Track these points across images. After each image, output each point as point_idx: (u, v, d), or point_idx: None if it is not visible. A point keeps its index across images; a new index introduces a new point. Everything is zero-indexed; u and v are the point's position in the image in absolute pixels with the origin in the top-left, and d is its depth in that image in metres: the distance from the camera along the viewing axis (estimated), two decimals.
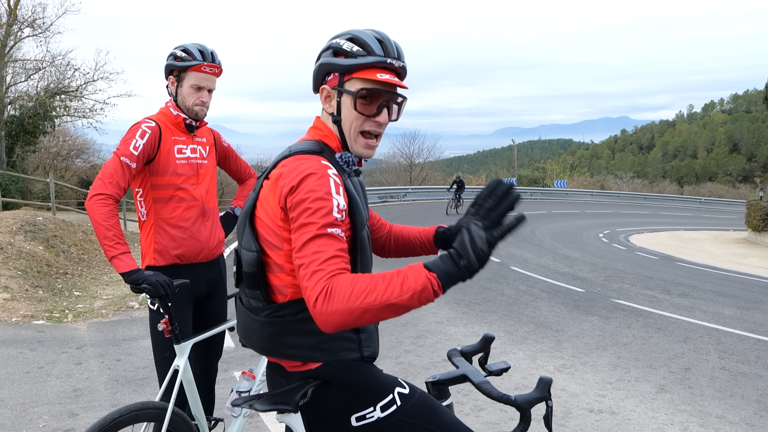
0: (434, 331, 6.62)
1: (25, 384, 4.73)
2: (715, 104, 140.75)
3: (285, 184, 1.57)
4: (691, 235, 23.43)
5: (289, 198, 1.54)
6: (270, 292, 1.69)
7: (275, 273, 1.66)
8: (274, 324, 1.67)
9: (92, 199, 2.55)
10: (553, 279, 10.55)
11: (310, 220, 1.48)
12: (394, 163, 49.60)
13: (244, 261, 1.70)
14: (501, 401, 1.62)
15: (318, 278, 1.39)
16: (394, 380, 1.72)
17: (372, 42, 1.65)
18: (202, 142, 2.95)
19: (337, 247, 1.46)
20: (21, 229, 10.38)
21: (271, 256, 1.65)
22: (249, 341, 1.77)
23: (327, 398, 1.65)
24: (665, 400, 4.69)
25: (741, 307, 8.65)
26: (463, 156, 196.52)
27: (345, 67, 1.65)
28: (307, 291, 1.41)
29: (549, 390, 1.60)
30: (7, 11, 25.18)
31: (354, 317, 1.34)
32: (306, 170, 1.55)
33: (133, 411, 2.34)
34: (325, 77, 1.72)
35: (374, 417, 1.63)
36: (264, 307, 1.68)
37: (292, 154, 1.65)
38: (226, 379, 4.78)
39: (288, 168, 1.60)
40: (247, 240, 1.69)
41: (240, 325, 1.81)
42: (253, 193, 1.72)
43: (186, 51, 2.77)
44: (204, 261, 2.92)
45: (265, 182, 1.68)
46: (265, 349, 1.72)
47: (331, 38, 1.72)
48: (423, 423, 1.66)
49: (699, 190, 73.52)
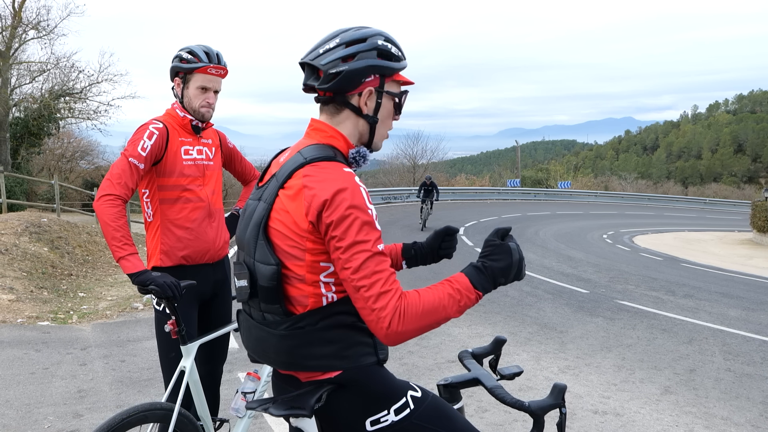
0: (438, 332, 6.61)
1: (30, 385, 4.74)
2: (720, 105, 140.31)
3: (315, 195, 1.52)
4: (696, 236, 23.36)
5: (325, 213, 1.51)
6: (288, 304, 1.64)
7: (294, 284, 1.61)
8: (295, 336, 1.61)
9: (100, 200, 2.55)
10: (557, 280, 10.54)
11: (361, 237, 1.49)
12: (397, 164, 49.58)
13: (260, 275, 1.63)
14: (514, 407, 1.60)
15: (387, 299, 1.46)
16: (406, 384, 1.71)
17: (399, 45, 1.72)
18: (208, 143, 2.95)
19: (389, 263, 1.52)
20: (26, 231, 10.42)
21: (291, 268, 1.60)
22: (264, 357, 1.71)
23: (342, 402, 1.64)
24: (670, 401, 4.68)
25: (746, 308, 8.63)
26: (466, 157, 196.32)
27: (393, 70, 1.69)
28: (375, 313, 1.46)
29: (563, 397, 1.59)
30: (12, 14, 25.30)
31: (420, 333, 1.50)
32: (337, 183, 1.52)
33: (141, 412, 2.35)
34: (363, 78, 1.67)
35: (389, 421, 1.62)
36: (282, 320, 1.63)
37: (309, 162, 1.60)
38: (231, 380, 4.78)
39: (313, 178, 1.55)
40: (262, 253, 1.62)
41: (251, 341, 1.74)
42: (264, 204, 1.65)
43: (191, 53, 2.78)
44: (210, 262, 2.92)
45: (282, 192, 1.61)
46: (285, 363, 1.66)
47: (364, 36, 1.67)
48: (436, 426, 1.65)
49: (704, 190, 73.24)
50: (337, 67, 1.64)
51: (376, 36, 1.67)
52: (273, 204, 1.62)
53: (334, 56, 1.65)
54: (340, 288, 1.61)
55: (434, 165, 49.56)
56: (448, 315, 1.50)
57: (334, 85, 1.65)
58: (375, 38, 1.67)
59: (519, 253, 1.57)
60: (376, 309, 1.45)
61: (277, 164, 1.73)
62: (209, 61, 2.78)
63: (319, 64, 1.66)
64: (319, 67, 1.66)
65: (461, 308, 1.52)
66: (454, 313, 1.51)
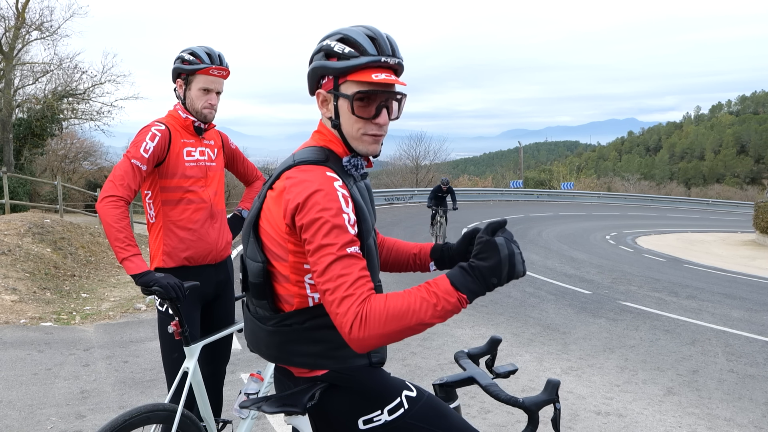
0: (441, 333, 6.61)
1: (32, 386, 4.75)
2: (723, 106, 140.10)
3: (290, 199, 1.51)
4: (699, 237, 23.32)
5: (297, 216, 1.50)
6: (276, 301, 1.67)
7: (281, 283, 1.64)
8: (282, 333, 1.65)
9: (103, 201, 2.55)
10: (559, 281, 10.52)
11: (328, 241, 1.44)
12: (400, 165, 49.59)
13: (249, 271, 1.67)
14: (509, 403, 1.61)
15: (349, 304, 1.39)
16: (401, 383, 1.72)
17: (364, 41, 1.57)
18: (210, 144, 2.96)
19: (360, 267, 1.44)
20: (29, 232, 10.44)
21: (277, 266, 1.62)
22: (257, 348, 1.75)
23: (335, 401, 1.65)
24: (673, 402, 4.68)
25: (749, 309, 8.61)
26: (469, 158, 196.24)
27: (339, 70, 1.58)
28: (338, 317, 1.40)
29: (557, 392, 1.59)
30: (15, 14, 25.36)
31: (389, 339, 1.39)
32: (312, 186, 1.50)
33: (144, 413, 2.35)
34: (319, 81, 1.65)
35: (381, 420, 1.63)
36: (271, 316, 1.66)
37: (296, 165, 1.59)
38: (233, 381, 4.79)
39: (292, 181, 1.54)
40: (252, 250, 1.66)
41: (248, 332, 1.79)
42: (257, 202, 1.67)
43: (194, 54, 2.78)
44: (212, 263, 2.93)
45: (269, 193, 1.61)
46: (273, 356, 1.70)
47: (322, 38, 1.64)
48: (430, 426, 1.65)
49: (706, 192, 73.14)
50: (310, 68, 1.67)
51: (334, 35, 1.62)
52: (263, 204, 1.64)
53: (312, 57, 1.66)
54: None
55: (437, 166, 49.57)
56: (422, 320, 1.36)
57: (309, 85, 1.69)
58: (329, 38, 1.61)
59: (509, 248, 1.39)
60: (338, 313, 1.40)
61: None
62: (211, 62, 2.79)
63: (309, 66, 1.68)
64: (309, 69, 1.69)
65: (440, 313, 1.37)
66: (430, 318, 1.37)
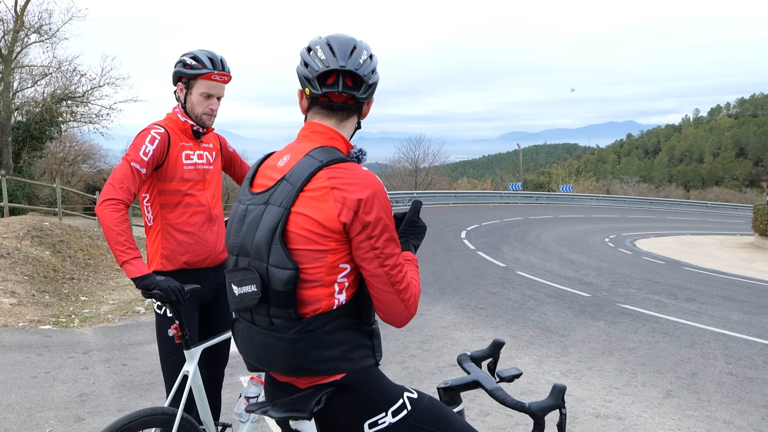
0: (440, 335, 6.61)
1: (31, 389, 4.75)
2: (722, 108, 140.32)
3: (347, 196, 1.58)
4: (698, 239, 23.32)
5: (361, 212, 1.58)
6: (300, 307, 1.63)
7: (308, 287, 1.61)
8: (305, 340, 1.61)
9: (103, 204, 2.54)
10: (559, 284, 10.52)
11: (395, 235, 1.66)
12: (399, 168, 49.58)
13: (276, 280, 1.60)
14: (515, 408, 1.62)
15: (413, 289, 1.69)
16: (401, 386, 1.74)
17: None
18: (208, 147, 2.95)
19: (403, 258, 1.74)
20: (28, 235, 10.43)
21: (309, 271, 1.60)
22: (270, 364, 1.69)
23: (340, 405, 1.65)
24: (672, 405, 4.68)
25: (748, 311, 8.61)
26: (468, 160, 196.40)
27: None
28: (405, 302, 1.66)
29: (563, 397, 1.60)
30: (14, 17, 25.37)
31: None
32: (370, 183, 1.62)
33: (143, 417, 2.35)
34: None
35: (386, 423, 1.64)
36: (292, 324, 1.62)
37: (326, 165, 1.62)
38: (232, 384, 4.78)
39: (343, 180, 1.59)
40: (278, 258, 1.60)
41: (254, 348, 1.71)
42: (279, 208, 1.62)
43: (195, 59, 2.75)
44: (211, 266, 2.92)
45: (302, 195, 1.60)
46: (293, 368, 1.65)
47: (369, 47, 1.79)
48: (433, 427, 1.67)
49: (705, 194, 73.14)
50: (372, 78, 1.73)
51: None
52: (291, 208, 1.61)
53: (371, 67, 1.73)
54: (351, 291, 1.65)
55: (436, 169, 49.55)
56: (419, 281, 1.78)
57: (370, 94, 1.75)
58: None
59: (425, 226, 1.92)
60: (405, 299, 1.65)
61: (275, 168, 1.72)
62: (213, 67, 2.76)
63: (363, 73, 1.70)
64: (363, 76, 1.70)
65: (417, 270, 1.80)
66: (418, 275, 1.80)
